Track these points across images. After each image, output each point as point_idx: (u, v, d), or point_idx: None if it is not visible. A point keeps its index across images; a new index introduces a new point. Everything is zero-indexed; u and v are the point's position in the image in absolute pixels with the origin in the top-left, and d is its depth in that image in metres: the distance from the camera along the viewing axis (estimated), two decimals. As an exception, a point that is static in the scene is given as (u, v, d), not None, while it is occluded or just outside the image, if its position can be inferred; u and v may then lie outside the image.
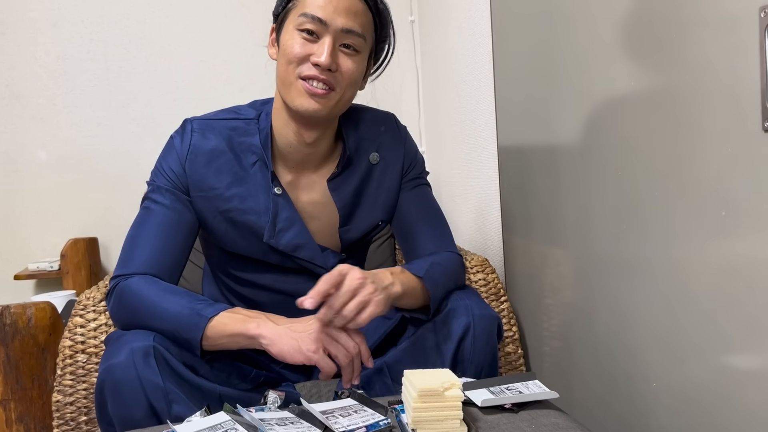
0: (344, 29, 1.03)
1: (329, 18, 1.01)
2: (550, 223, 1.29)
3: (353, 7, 1.03)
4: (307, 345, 0.93)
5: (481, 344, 1.03)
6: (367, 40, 1.07)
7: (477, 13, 1.64)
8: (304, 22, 1.02)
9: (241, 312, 0.99)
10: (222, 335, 0.97)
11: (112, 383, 0.90)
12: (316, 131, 1.10)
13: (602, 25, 1.04)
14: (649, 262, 0.97)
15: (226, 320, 0.97)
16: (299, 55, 1.03)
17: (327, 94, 1.04)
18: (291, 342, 0.93)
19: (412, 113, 2.35)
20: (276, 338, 0.94)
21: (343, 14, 1.02)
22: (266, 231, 1.10)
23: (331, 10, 1.02)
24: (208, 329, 0.96)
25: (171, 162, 1.10)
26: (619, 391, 1.08)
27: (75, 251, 2.08)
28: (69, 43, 2.18)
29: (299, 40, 1.03)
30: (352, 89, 1.08)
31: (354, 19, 1.03)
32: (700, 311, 0.87)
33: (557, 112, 1.22)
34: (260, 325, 0.96)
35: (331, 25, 1.02)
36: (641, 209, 0.97)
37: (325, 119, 1.08)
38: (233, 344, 0.98)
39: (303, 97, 1.04)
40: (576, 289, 1.21)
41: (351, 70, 1.05)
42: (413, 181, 1.21)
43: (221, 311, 0.98)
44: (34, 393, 1.41)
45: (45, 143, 2.19)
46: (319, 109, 1.04)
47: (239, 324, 0.96)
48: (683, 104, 0.86)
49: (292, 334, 0.95)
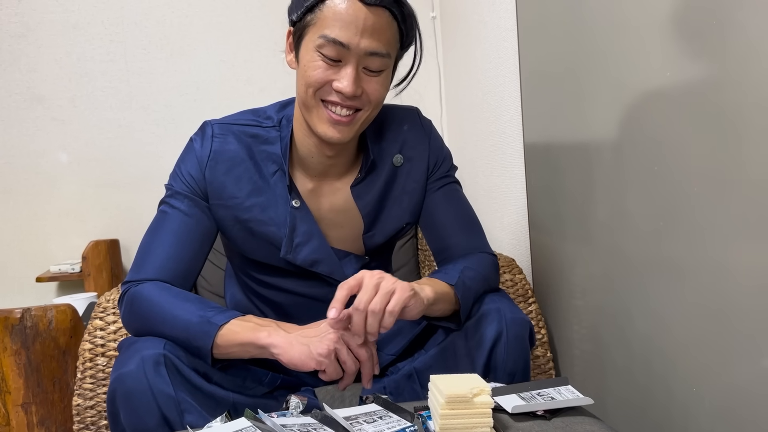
0: (369, 52, 0.95)
1: (353, 42, 0.94)
2: (580, 222, 1.24)
3: (378, 24, 0.95)
4: (318, 349, 0.90)
5: (513, 350, 0.99)
6: (392, 55, 1.01)
7: (501, 7, 1.60)
8: (325, 44, 0.95)
9: (252, 320, 0.96)
10: (232, 344, 0.94)
11: (123, 393, 0.88)
12: (338, 146, 1.06)
13: (635, 12, 0.99)
14: (687, 262, 0.92)
15: (236, 328, 0.94)
16: (320, 80, 0.97)
17: (352, 119, 0.99)
18: (301, 348, 0.90)
19: (435, 111, 2.31)
20: (287, 346, 0.91)
21: (367, 35, 0.94)
22: (283, 246, 1.07)
23: (355, 31, 0.93)
24: (218, 337, 0.94)
25: (190, 167, 1.07)
26: (656, 397, 1.04)
27: (96, 253, 2.08)
28: (89, 45, 2.18)
29: (320, 63, 0.96)
30: (378, 108, 1.04)
31: (379, 39, 0.96)
32: (744, 314, 0.82)
33: (588, 106, 1.17)
34: (271, 334, 0.93)
35: (354, 49, 0.94)
36: (679, 207, 0.93)
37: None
38: (244, 353, 0.95)
39: (326, 125, 0.99)
40: (608, 291, 1.16)
41: (377, 92, 1.00)
42: (441, 180, 1.16)
43: (232, 319, 0.95)
44: (55, 396, 1.40)
45: (66, 145, 2.20)
46: (343, 138, 1.01)
47: (249, 333, 0.93)
48: (724, 95, 0.82)
49: (303, 340, 0.92)
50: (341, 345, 0.91)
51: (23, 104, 2.16)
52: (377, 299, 0.88)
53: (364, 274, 0.91)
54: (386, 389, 1.03)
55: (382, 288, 0.89)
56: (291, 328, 0.96)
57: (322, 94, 0.98)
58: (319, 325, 0.94)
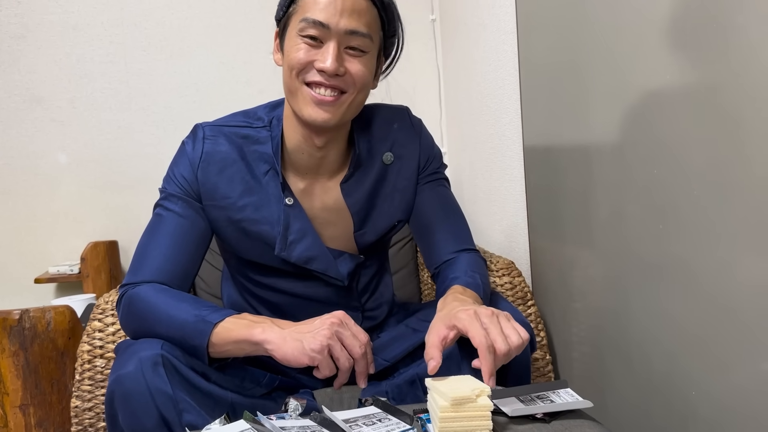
0: (348, 31, 0.98)
1: (332, 21, 0.97)
2: (580, 224, 1.24)
3: (357, 6, 0.98)
4: (311, 344, 0.90)
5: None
6: (374, 38, 1.03)
7: (501, 10, 1.60)
8: (306, 27, 0.98)
9: (247, 317, 0.97)
10: (227, 341, 0.94)
11: (122, 394, 0.88)
12: (327, 135, 1.07)
13: (635, 15, 1.00)
14: (687, 265, 0.92)
15: (231, 326, 0.94)
16: (303, 61, 0.99)
17: (336, 100, 1.00)
18: (294, 344, 0.91)
19: (434, 113, 2.31)
20: (280, 342, 0.91)
21: (346, 15, 0.97)
22: (278, 243, 1.08)
23: (334, 12, 0.97)
24: (213, 336, 0.94)
25: (183, 169, 1.08)
26: (656, 400, 1.03)
27: (95, 255, 2.07)
28: (89, 46, 2.18)
29: (302, 46, 0.99)
30: (363, 92, 1.05)
31: (358, 19, 0.99)
32: (744, 317, 0.82)
33: (588, 109, 1.17)
34: (265, 330, 0.93)
35: (334, 28, 0.97)
36: (679, 209, 0.93)
37: (337, 126, 1.05)
38: (239, 351, 0.95)
39: (311, 106, 1.01)
40: (607, 293, 1.16)
41: (360, 72, 1.01)
42: (430, 176, 1.18)
43: (227, 317, 0.95)
44: (53, 398, 1.40)
45: (65, 146, 2.19)
46: (329, 118, 1.01)
47: (244, 330, 0.94)
48: (724, 97, 0.81)
49: (296, 336, 0.92)
50: (334, 341, 0.91)
51: (22, 105, 2.16)
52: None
53: (466, 328, 0.89)
54: (388, 394, 1.03)
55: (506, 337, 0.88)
56: (285, 324, 0.96)
57: (305, 76, 1.00)
58: (313, 322, 0.94)
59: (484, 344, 0.85)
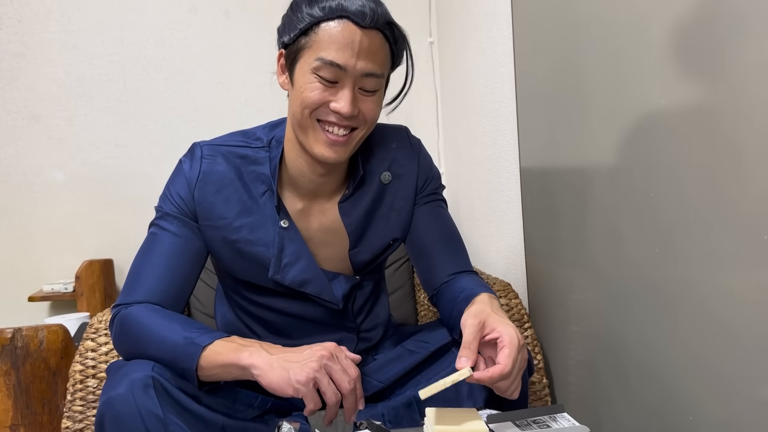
0: (365, 73, 0.97)
1: (349, 63, 0.95)
2: (577, 247, 1.24)
3: (372, 46, 0.96)
4: (297, 375, 0.87)
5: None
6: (385, 75, 1.03)
7: (498, 33, 1.62)
8: (321, 67, 0.96)
9: (236, 341, 0.95)
10: (215, 365, 0.92)
11: (112, 417, 0.86)
12: (332, 165, 1.07)
13: (631, 40, 1.00)
14: (684, 288, 0.92)
15: (219, 349, 0.93)
16: (317, 102, 0.98)
17: (348, 139, 1.00)
18: (281, 373, 0.88)
19: (431, 134, 2.32)
20: (267, 369, 0.89)
21: (363, 57, 0.96)
22: (272, 266, 1.06)
23: (351, 54, 0.94)
24: (201, 359, 0.92)
25: (179, 188, 1.07)
26: (652, 425, 1.03)
27: (90, 273, 2.06)
28: (88, 65, 2.19)
29: (317, 85, 0.97)
30: (372, 126, 1.05)
31: (374, 60, 0.97)
32: (741, 341, 0.81)
33: (584, 133, 1.18)
34: (252, 354, 0.91)
35: (351, 71, 0.96)
36: (675, 233, 0.93)
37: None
38: (227, 375, 0.93)
39: (322, 146, 1.00)
40: (604, 317, 1.16)
41: (372, 111, 1.01)
42: (428, 196, 1.17)
43: (216, 339, 0.94)
44: (44, 418, 1.38)
45: (62, 164, 2.19)
46: (339, 158, 1.01)
47: (231, 353, 0.92)
48: (720, 122, 0.82)
49: (284, 365, 0.89)
50: (322, 375, 0.88)
51: (21, 122, 2.17)
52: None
53: (500, 333, 0.90)
54: (384, 416, 1.02)
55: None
56: (275, 349, 0.93)
57: (319, 115, 0.99)
58: (303, 351, 0.91)
59: (516, 343, 0.88)
